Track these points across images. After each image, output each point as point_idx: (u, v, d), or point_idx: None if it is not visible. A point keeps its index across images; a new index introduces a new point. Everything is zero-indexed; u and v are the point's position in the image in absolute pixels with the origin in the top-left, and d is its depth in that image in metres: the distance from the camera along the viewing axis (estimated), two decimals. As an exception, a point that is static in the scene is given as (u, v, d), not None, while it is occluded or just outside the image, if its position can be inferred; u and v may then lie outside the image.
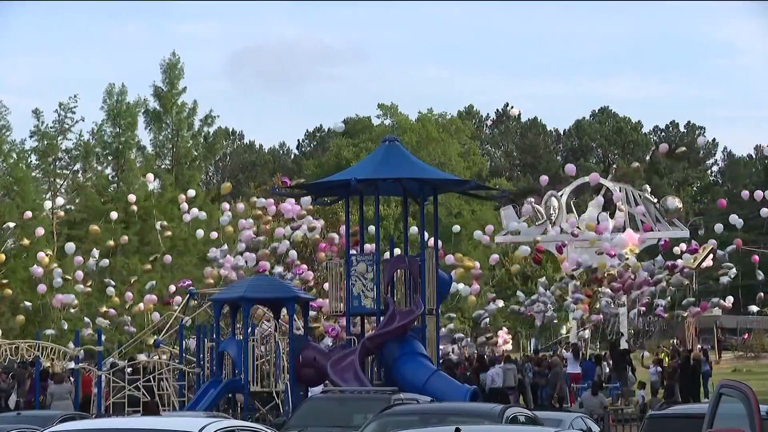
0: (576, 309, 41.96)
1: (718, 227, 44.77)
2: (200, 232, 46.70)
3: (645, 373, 39.69)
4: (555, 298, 43.58)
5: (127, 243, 55.43)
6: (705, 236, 46.31)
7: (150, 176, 53.15)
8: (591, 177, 48.02)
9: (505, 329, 53.84)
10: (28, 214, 47.48)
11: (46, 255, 45.07)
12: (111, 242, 46.20)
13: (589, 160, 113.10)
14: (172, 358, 34.98)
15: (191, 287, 40.04)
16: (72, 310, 43.60)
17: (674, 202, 45.91)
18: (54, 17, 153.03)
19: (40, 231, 46.90)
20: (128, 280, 46.68)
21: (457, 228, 47.95)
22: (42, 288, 42.93)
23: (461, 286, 42.65)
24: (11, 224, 45.49)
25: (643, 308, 45.34)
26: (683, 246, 44.59)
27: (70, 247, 44.55)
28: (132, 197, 50.47)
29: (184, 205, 46.66)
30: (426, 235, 32.27)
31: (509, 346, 53.08)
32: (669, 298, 45.05)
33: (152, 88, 67.76)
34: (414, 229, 37.87)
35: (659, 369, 38.76)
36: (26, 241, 45.98)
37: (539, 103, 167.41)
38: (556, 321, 60.31)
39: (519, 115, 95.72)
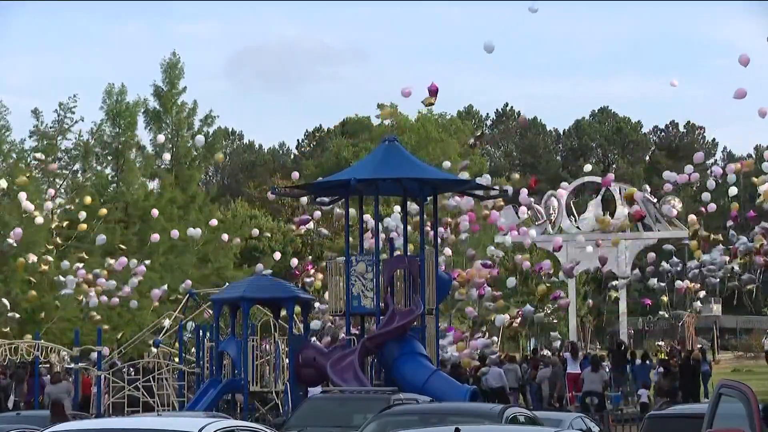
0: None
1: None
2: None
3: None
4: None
5: (127, 243, 55.42)
6: (707, 236, 46.25)
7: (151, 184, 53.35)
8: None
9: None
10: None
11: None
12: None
13: (589, 160, 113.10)
14: (170, 358, 34.98)
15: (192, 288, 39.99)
16: (66, 290, 43.48)
17: (670, 208, 45.73)
18: (54, 17, 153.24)
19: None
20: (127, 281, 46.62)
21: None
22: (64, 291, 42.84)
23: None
24: (11, 241, 45.41)
25: None
26: None
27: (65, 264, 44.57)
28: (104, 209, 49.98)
29: None
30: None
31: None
32: None
33: (152, 88, 67.78)
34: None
35: (661, 369, 38.83)
36: (26, 259, 45.70)
37: (539, 103, 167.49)
38: (556, 321, 60.24)
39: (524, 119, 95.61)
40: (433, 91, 38.19)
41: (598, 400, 32.41)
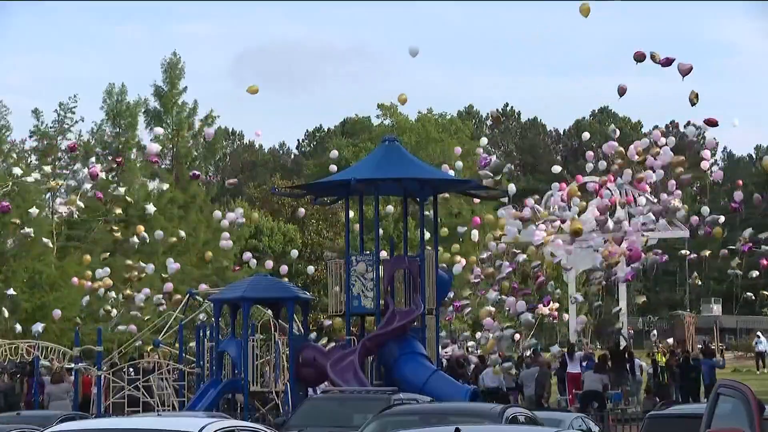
0: None
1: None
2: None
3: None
4: None
5: (127, 243, 55.37)
6: (705, 237, 46.22)
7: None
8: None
9: None
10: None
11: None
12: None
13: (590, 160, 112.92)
14: (170, 358, 34.97)
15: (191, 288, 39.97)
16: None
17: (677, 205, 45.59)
18: (54, 17, 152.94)
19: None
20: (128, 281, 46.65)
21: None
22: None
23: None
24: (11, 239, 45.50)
25: None
26: None
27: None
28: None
29: None
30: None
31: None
32: None
33: (153, 88, 67.84)
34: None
35: (650, 370, 39.06)
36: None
37: (539, 103, 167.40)
38: (556, 321, 60.19)
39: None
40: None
41: (597, 403, 32.30)
